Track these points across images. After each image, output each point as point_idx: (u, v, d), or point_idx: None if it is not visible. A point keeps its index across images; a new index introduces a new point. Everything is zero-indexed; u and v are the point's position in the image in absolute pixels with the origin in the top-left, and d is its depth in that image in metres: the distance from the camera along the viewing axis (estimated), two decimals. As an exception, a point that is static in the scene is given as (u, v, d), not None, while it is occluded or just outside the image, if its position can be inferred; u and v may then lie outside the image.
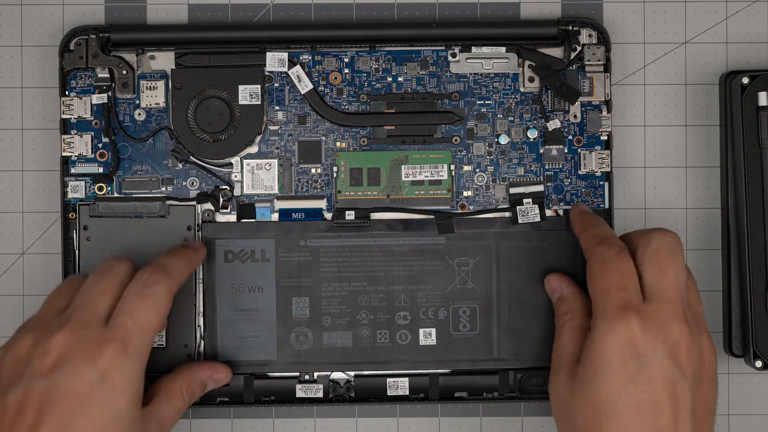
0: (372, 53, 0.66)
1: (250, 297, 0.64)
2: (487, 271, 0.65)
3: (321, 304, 0.64)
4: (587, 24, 0.66)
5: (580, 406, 0.57)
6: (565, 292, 0.63)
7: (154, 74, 0.66)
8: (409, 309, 0.65)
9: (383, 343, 0.65)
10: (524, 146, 0.66)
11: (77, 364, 0.55)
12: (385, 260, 0.64)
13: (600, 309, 0.58)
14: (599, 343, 0.57)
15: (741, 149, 0.65)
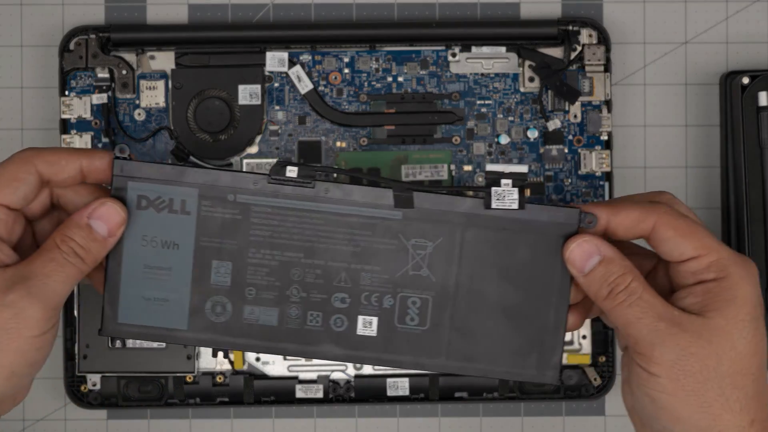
0: (372, 53, 0.66)
1: (163, 253, 0.54)
2: (447, 258, 0.55)
3: (246, 272, 0.55)
4: (587, 24, 0.66)
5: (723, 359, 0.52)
6: (607, 252, 0.53)
7: (154, 74, 0.66)
8: (349, 291, 0.55)
9: (314, 327, 0.55)
10: (524, 146, 0.66)
11: None
12: (328, 231, 0.54)
13: (719, 255, 0.52)
14: (744, 288, 0.52)
15: (741, 149, 0.65)
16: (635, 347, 0.52)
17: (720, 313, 0.52)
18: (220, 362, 0.66)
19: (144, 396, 0.66)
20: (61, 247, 0.53)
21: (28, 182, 0.54)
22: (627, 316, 0.52)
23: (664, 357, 0.51)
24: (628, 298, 0.52)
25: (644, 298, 0.52)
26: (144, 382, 0.66)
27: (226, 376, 0.66)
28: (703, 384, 0.51)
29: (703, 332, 0.52)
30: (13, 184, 0.54)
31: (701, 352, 0.51)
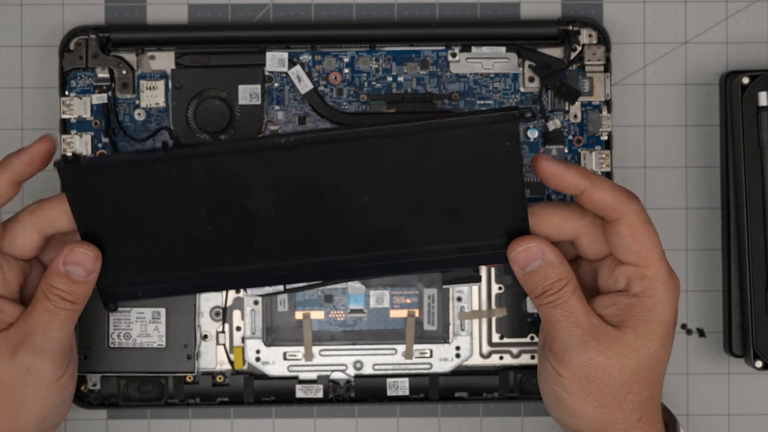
0: (372, 53, 0.66)
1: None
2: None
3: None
4: (587, 24, 0.66)
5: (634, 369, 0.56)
6: (550, 257, 0.56)
7: (154, 74, 0.66)
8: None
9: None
10: (524, 146, 0.66)
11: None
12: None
13: (655, 273, 0.56)
14: (662, 311, 0.56)
15: (741, 149, 0.65)
16: (551, 345, 0.57)
17: (634, 331, 0.56)
18: (220, 362, 0.66)
19: (144, 396, 0.66)
20: (49, 297, 0.56)
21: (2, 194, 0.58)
22: (550, 315, 0.56)
23: (572, 362, 0.56)
24: (555, 300, 0.56)
25: (570, 304, 0.55)
26: (144, 382, 0.66)
27: (226, 376, 0.66)
28: (602, 389, 0.56)
29: (614, 345, 0.56)
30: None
31: (607, 362, 0.56)
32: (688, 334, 0.68)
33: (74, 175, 0.55)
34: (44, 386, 0.57)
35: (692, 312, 0.67)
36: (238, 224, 0.56)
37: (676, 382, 0.67)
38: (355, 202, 0.55)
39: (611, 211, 0.56)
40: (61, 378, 0.57)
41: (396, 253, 0.56)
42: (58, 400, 0.58)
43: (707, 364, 0.67)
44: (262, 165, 0.55)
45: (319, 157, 0.55)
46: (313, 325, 0.66)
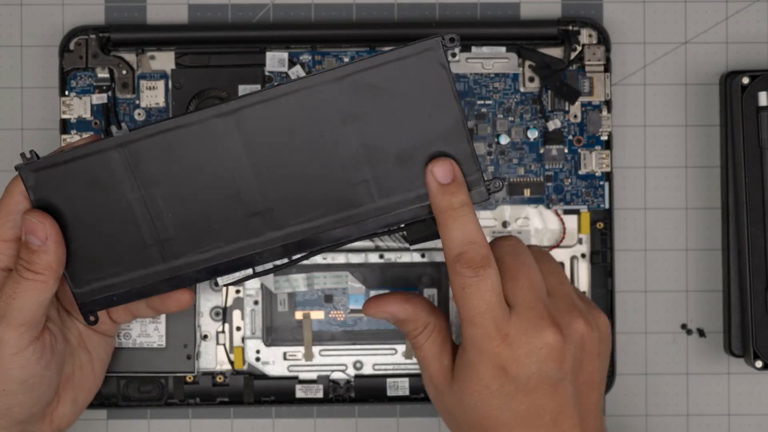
0: (372, 53, 0.66)
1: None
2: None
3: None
4: (587, 24, 0.66)
5: (463, 418, 0.57)
6: (404, 315, 0.59)
7: (154, 74, 0.66)
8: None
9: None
10: (524, 146, 0.66)
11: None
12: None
13: (469, 337, 0.56)
14: (473, 371, 0.56)
15: (741, 149, 0.65)
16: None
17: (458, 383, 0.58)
18: (220, 362, 0.66)
19: (144, 396, 0.66)
20: (16, 268, 0.57)
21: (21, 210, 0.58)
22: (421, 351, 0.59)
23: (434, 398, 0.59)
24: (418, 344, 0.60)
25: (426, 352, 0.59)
26: (144, 382, 0.66)
27: (226, 376, 0.66)
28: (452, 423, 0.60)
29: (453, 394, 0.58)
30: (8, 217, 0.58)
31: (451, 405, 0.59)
32: (688, 334, 0.68)
33: (34, 174, 0.56)
34: (4, 356, 0.56)
35: (692, 312, 0.68)
36: (194, 206, 0.56)
37: (676, 382, 0.67)
38: (305, 163, 0.55)
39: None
40: (23, 351, 0.56)
41: (356, 213, 0.56)
42: (19, 376, 0.57)
43: (707, 364, 0.67)
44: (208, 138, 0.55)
45: (263, 118, 0.55)
46: (313, 325, 0.66)
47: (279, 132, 0.55)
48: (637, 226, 0.67)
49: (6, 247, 0.58)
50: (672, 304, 0.67)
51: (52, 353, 0.58)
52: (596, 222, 0.66)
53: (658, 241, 0.68)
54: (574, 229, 0.66)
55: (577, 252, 0.66)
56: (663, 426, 0.67)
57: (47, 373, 0.58)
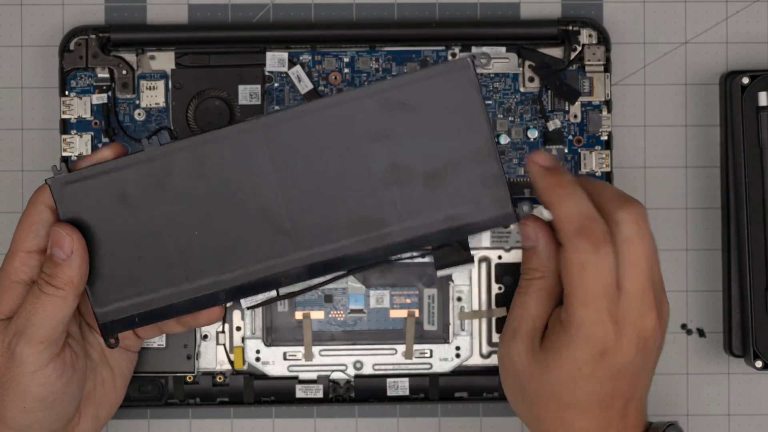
0: (372, 53, 0.66)
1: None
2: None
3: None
4: (587, 24, 0.66)
5: (536, 385, 0.56)
6: (540, 246, 0.56)
7: (154, 74, 0.66)
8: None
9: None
10: (524, 146, 0.66)
11: None
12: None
13: (576, 317, 0.55)
14: (570, 350, 0.55)
15: (741, 149, 0.65)
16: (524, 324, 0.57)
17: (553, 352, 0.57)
18: (220, 362, 0.66)
19: (144, 396, 0.66)
20: (38, 282, 0.56)
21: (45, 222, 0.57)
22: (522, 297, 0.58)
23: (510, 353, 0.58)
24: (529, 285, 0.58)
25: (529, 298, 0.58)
26: (144, 382, 0.66)
27: (226, 376, 0.66)
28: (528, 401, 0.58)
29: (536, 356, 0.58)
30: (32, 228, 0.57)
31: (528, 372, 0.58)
32: (688, 334, 0.68)
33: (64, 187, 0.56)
34: (24, 373, 0.56)
35: (692, 312, 0.68)
36: (221, 224, 0.56)
37: (676, 382, 0.67)
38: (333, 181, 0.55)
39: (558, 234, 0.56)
40: (43, 368, 0.56)
41: (382, 233, 0.56)
42: (39, 394, 0.56)
43: (707, 364, 0.67)
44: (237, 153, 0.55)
45: (293, 134, 0.55)
46: (313, 325, 0.66)
47: (308, 149, 0.55)
48: (637, 226, 0.67)
49: (29, 258, 0.57)
50: (672, 304, 0.67)
51: (73, 370, 0.58)
52: (596, 222, 0.66)
53: (658, 241, 0.67)
54: (574, 229, 0.66)
55: (577, 252, 0.66)
56: (663, 426, 0.67)
57: (68, 390, 0.58)
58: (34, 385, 0.56)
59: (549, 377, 0.56)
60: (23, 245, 0.57)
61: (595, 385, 0.56)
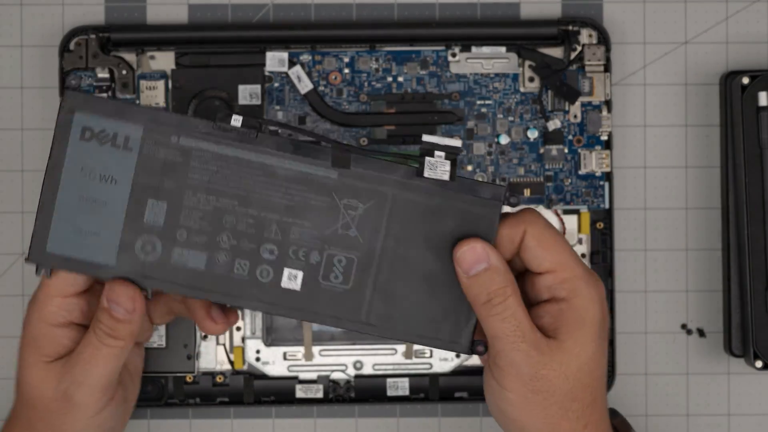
0: (372, 53, 0.66)
1: (100, 187, 0.55)
2: (376, 221, 0.55)
3: (180, 214, 0.55)
4: (587, 24, 0.66)
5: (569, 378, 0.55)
6: (495, 262, 0.54)
7: (154, 74, 0.66)
8: (278, 243, 0.55)
9: (240, 276, 0.55)
10: (524, 146, 0.66)
11: None
12: (265, 182, 0.55)
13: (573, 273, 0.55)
14: (592, 309, 0.55)
15: (741, 149, 0.65)
16: (495, 359, 0.55)
17: (571, 337, 0.55)
18: (220, 362, 0.66)
19: (144, 396, 0.66)
20: (95, 332, 0.56)
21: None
22: (497, 329, 0.54)
23: (518, 377, 0.54)
24: (503, 312, 0.54)
25: (516, 317, 0.54)
26: (144, 382, 0.66)
27: (226, 376, 0.66)
28: (548, 400, 0.55)
29: (556, 355, 0.55)
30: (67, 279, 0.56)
31: (551, 374, 0.55)
32: (688, 334, 0.68)
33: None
34: (82, 418, 0.56)
35: (692, 312, 0.68)
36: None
37: (676, 382, 0.67)
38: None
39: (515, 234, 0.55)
40: (101, 412, 0.57)
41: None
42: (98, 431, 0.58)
43: (707, 364, 0.67)
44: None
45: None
46: (313, 325, 0.66)
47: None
48: (637, 226, 0.67)
49: (66, 304, 0.57)
50: (672, 304, 0.67)
51: (124, 403, 0.59)
52: (596, 222, 0.66)
53: (658, 241, 0.68)
54: (574, 229, 0.66)
55: (577, 252, 0.66)
56: (663, 426, 0.67)
57: (120, 421, 0.59)
58: (90, 427, 0.57)
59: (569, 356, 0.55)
60: (60, 290, 0.57)
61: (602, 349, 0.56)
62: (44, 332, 0.57)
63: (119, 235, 0.55)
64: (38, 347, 0.57)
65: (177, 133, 0.55)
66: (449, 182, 0.55)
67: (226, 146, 0.55)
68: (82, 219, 0.55)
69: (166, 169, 0.55)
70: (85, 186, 0.55)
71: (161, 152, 0.55)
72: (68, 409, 0.56)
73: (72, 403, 0.56)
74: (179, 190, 0.55)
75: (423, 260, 0.55)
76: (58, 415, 0.56)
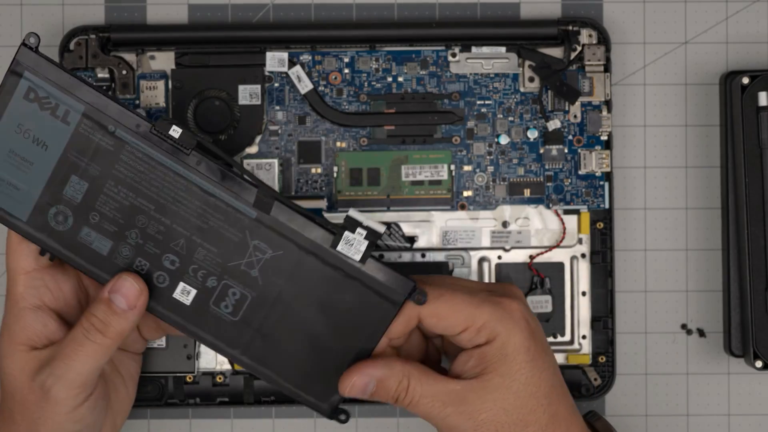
0: (372, 53, 0.66)
1: (31, 148, 0.56)
2: (279, 270, 0.57)
3: (98, 198, 0.56)
4: (587, 24, 0.66)
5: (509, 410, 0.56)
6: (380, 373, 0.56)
7: (154, 74, 0.66)
8: (181, 257, 0.57)
9: (138, 272, 0.57)
10: (524, 146, 0.66)
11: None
12: (185, 198, 0.56)
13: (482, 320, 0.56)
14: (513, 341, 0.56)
15: (741, 149, 0.65)
16: (437, 428, 0.57)
17: (496, 372, 0.56)
18: (220, 362, 0.66)
19: (144, 396, 0.66)
20: (83, 324, 0.56)
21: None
22: (420, 413, 0.56)
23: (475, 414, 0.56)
24: (413, 400, 0.56)
25: (425, 394, 0.56)
26: (144, 382, 0.66)
27: (226, 376, 0.66)
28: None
29: (486, 395, 0.56)
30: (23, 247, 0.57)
31: (490, 414, 0.56)
32: (688, 334, 0.68)
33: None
34: (59, 412, 0.56)
35: (692, 312, 0.68)
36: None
37: (676, 382, 0.67)
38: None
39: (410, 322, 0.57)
40: (78, 408, 0.56)
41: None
42: (74, 428, 0.57)
43: (707, 364, 0.67)
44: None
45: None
46: (313, 325, 0.66)
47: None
48: (637, 226, 0.67)
49: (30, 279, 0.57)
50: (672, 304, 0.67)
51: (103, 400, 0.58)
52: (596, 222, 0.66)
53: (658, 241, 0.68)
54: (574, 229, 0.66)
55: (577, 252, 0.66)
56: (663, 426, 0.67)
57: (98, 418, 0.58)
58: (68, 422, 0.57)
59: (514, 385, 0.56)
60: (20, 266, 0.57)
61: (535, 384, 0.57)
62: (16, 317, 0.57)
63: (37, 197, 0.56)
64: (11, 334, 0.57)
65: (115, 124, 0.56)
66: (356, 261, 0.56)
67: (159, 152, 0.56)
68: (7, 170, 0.56)
69: (96, 153, 0.56)
70: (17, 142, 0.56)
71: (96, 135, 0.56)
72: (44, 402, 0.56)
73: (48, 397, 0.56)
74: (103, 176, 0.56)
75: (313, 320, 0.57)
76: (34, 407, 0.56)
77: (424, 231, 0.66)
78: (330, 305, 0.57)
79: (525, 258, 0.66)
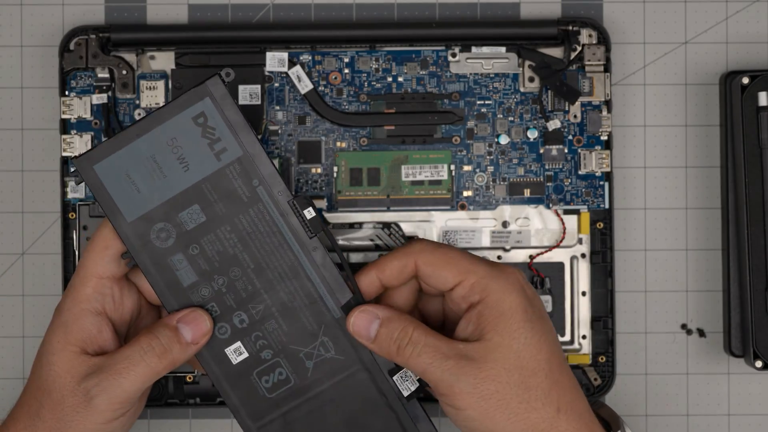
0: (372, 53, 0.66)
1: (172, 163, 0.57)
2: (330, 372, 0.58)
3: (207, 234, 0.58)
4: (587, 24, 0.66)
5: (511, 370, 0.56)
6: (385, 313, 0.57)
7: (154, 74, 0.66)
8: (252, 320, 0.58)
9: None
10: (524, 146, 0.66)
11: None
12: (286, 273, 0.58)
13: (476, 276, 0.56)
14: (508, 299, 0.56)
15: (741, 149, 0.65)
16: (436, 389, 0.57)
17: (495, 332, 0.56)
18: (220, 362, 0.66)
19: (144, 396, 0.66)
20: (142, 344, 0.56)
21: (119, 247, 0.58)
22: (419, 365, 0.56)
23: (462, 390, 0.55)
24: (414, 348, 0.56)
25: (429, 344, 0.56)
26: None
27: (226, 376, 0.66)
28: (503, 400, 0.55)
29: (487, 355, 0.56)
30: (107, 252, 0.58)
31: (492, 374, 0.55)
32: (688, 334, 0.68)
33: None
34: (93, 422, 0.56)
35: (692, 312, 0.68)
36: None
37: (676, 382, 0.67)
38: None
39: (407, 267, 0.58)
40: (112, 422, 0.57)
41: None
42: None
43: (707, 364, 0.67)
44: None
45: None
46: (313, 325, 0.66)
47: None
48: (637, 226, 0.67)
49: (102, 286, 0.57)
50: (672, 304, 0.67)
51: (134, 416, 0.59)
52: (596, 222, 0.66)
53: (658, 241, 0.68)
54: (574, 229, 0.66)
55: (577, 252, 0.66)
56: (663, 426, 0.67)
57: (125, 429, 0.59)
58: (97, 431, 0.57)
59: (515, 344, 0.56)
60: (96, 270, 0.57)
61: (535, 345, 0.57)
62: (76, 316, 0.57)
63: (152, 207, 0.57)
64: (67, 332, 0.57)
65: (261, 180, 0.58)
66: (402, 395, 0.58)
67: (286, 223, 0.58)
68: (140, 171, 0.57)
69: (229, 196, 0.57)
70: (163, 152, 0.57)
71: (238, 182, 0.57)
72: (84, 408, 0.56)
73: (89, 405, 0.56)
74: (223, 218, 0.57)
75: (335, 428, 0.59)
76: (71, 410, 0.56)
77: (424, 231, 0.66)
78: (358, 424, 0.59)
79: (525, 258, 0.66)
